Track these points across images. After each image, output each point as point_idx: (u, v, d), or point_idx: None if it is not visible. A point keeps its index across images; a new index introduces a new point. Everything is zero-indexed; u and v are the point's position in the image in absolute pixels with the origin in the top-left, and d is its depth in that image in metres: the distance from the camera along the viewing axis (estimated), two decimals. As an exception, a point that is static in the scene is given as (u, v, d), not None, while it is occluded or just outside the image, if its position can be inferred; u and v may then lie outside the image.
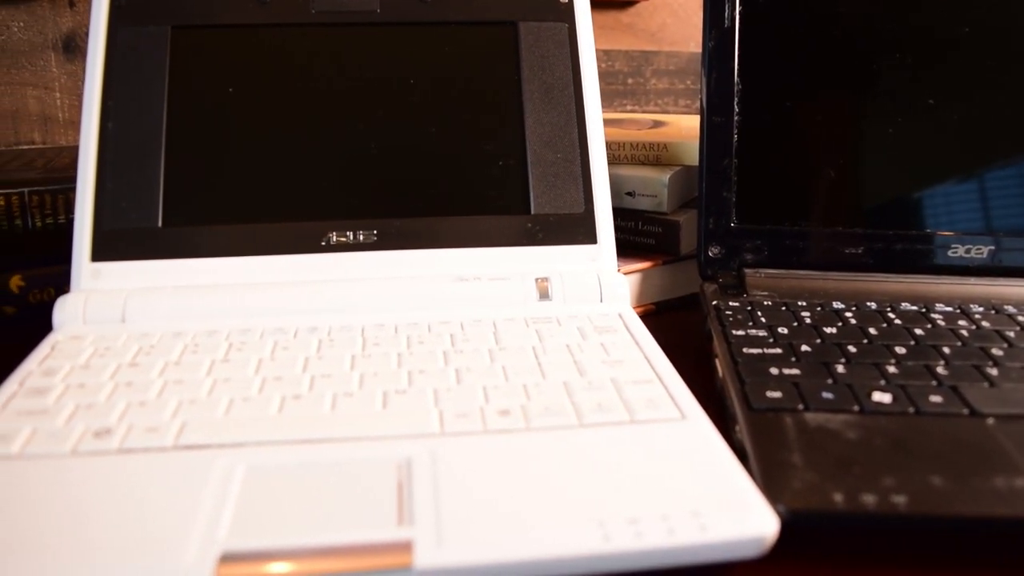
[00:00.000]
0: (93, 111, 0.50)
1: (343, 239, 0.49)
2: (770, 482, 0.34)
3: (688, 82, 0.93)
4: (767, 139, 0.55)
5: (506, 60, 0.53)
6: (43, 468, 0.34)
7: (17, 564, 0.29)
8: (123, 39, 0.51)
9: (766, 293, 0.52)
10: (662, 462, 0.34)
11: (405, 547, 0.29)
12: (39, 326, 0.49)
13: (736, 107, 0.54)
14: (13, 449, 0.35)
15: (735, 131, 0.54)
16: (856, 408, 0.39)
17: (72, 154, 0.69)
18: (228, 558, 0.29)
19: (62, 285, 0.57)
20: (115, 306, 0.47)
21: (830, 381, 0.41)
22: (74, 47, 0.86)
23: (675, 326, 0.54)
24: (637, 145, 0.62)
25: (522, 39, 0.53)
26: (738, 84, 0.54)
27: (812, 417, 0.38)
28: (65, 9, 0.85)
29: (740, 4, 0.54)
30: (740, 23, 0.54)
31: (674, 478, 0.33)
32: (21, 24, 0.84)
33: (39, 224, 0.57)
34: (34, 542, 0.29)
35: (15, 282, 0.57)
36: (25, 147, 0.85)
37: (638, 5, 0.95)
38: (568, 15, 0.54)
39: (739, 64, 0.54)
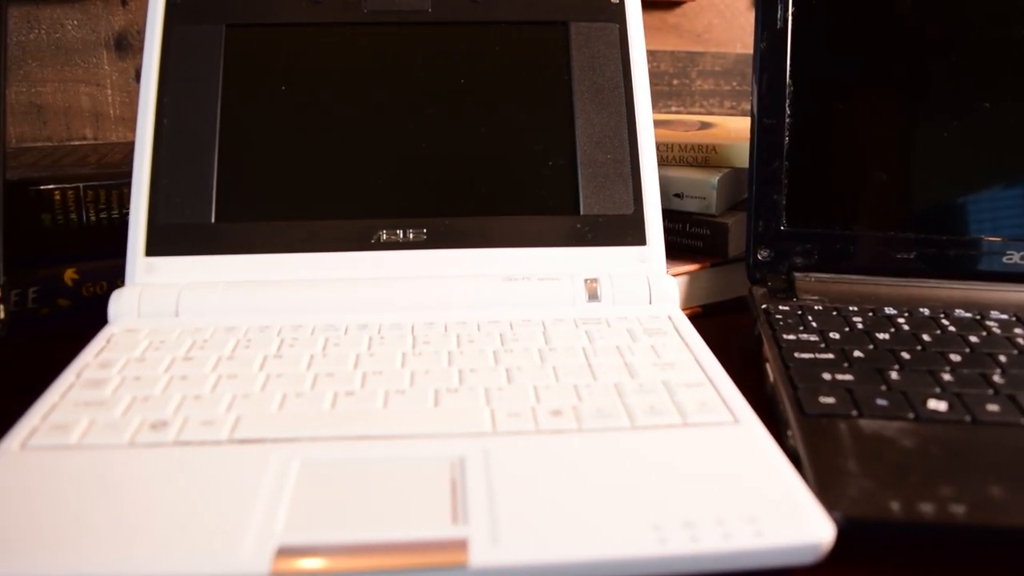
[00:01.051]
0: (149, 108, 0.51)
1: (393, 237, 0.50)
2: (825, 489, 0.33)
3: (734, 83, 0.92)
4: (819, 141, 0.54)
5: (557, 60, 0.53)
6: (101, 458, 0.34)
7: (76, 552, 0.29)
8: (178, 37, 0.52)
9: (816, 297, 0.52)
10: (716, 466, 0.34)
11: (460, 545, 0.29)
12: (92, 319, 0.50)
13: (787, 109, 0.54)
14: (71, 439, 0.36)
15: (786, 133, 0.54)
16: (911, 416, 0.38)
17: (124, 150, 0.71)
18: (285, 551, 0.29)
19: (115, 279, 0.59)
20: (169, 300, 0.47)
21: (884, 388, 0.41)
22: (126, 45, 0.87)
23: (721, 329, 0.54)
24: (686, 147, 0.61)
25: (573, 39, 0.53)
26: (790, 86, 0.54)
27: (867, 424, 0.38)
28: (117, 7, 0.86)
29: (793, 5, 0.54)
30: (792, 24, 0.54)
31: (728, 482, 0.33)
32: (75, 22, 0.86)
33: (93, 219, 0.58)
34: (94, 531, 0.30)
35: (69, 275, 0.58)
36: (77, 143, 0.86)
37: (684, 5, 0.95)
38: (619, 15, 0.54)
39: (791, 65, 0.54)
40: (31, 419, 0.37)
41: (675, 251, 0.60)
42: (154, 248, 0.49)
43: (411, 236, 0.50)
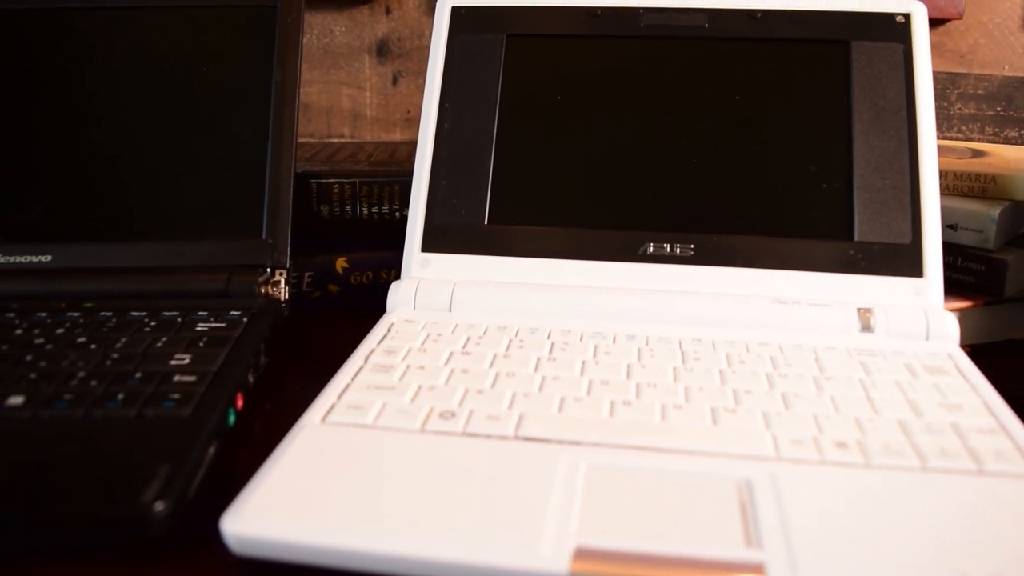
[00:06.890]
0: (431, 112, 0.54)
1: (660, 251, 0.50)
2: None
3: (998, 108, 0.86)
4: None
5: (836, 80, 0.52)
6: (396, 440, 0.37)
7: (380, 527, 0.31)
8: (461, 46, 0.55)
9: (1111, 348, 0.47)
10: (1021, 521, 0.32)
11: (757, 569, 0.29)
12: (359, 306, 0.54)
13: (1088, 141, 0.50)
14: (367, 420, 0.38)
15: (1085, 167, 0.50)
16: None
17: (388, 149, 0.75)
18: (583, 553, 0.30)
19: (379, 270, 0.62)
20: (443, 294, 0.50)
21: None
22: (386, 51, 0.92)
23: (995, 372, 0.50)
24: (961, 175, 0.58)
25: (854, 59, 0.52)
26: (1093, 116, 0.50)
27: None
28: (382, 16, 0.91)
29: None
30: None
31: (1038, 540, 0.31)
32: (343, 29, 0.92)
33: (365, 213, 0.62)
34: (395, 508, 0.32)
35: (340, 264, 0.62)
36: (335, 140, 0.93)
37: (948, 24, 0.89)
38: (904, 35, 0.52)
39: (1096, 95, 0.50)
40: (328, 396, 0.40)
41: (944, 285, 0.56)
42: (430, 244, 0.52)
43: (678, 251, 0.50)
